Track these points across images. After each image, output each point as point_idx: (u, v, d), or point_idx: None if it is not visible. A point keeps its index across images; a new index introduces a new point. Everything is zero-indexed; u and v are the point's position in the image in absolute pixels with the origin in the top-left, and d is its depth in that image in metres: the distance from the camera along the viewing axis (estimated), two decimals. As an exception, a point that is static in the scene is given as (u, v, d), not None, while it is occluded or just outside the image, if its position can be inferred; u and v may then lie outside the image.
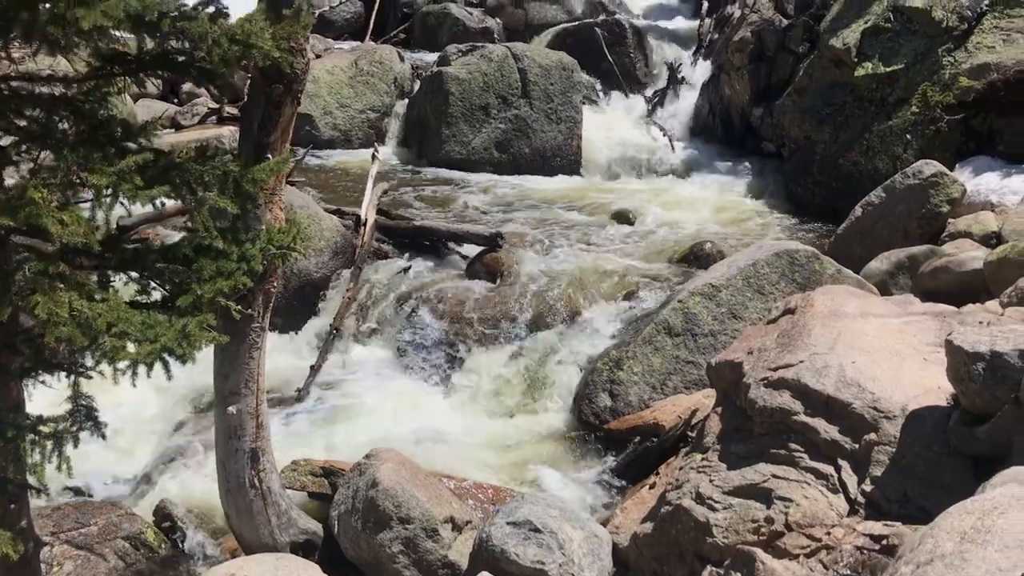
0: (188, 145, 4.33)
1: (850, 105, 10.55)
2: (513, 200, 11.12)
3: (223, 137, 11.13)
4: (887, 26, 10.39)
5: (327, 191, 10.87)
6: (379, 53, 13.38)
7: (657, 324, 7.11)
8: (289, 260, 4.46)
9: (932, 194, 8.31)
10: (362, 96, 12.91)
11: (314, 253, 8.71)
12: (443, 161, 12.31)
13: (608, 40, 14.99)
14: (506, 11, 16.60)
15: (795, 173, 10.98)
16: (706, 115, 13.61)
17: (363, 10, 17.12)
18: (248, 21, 3.84)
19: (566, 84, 12.47)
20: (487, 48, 12.68)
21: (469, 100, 12.26)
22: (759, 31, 12.53)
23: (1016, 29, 9.49)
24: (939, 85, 9.63)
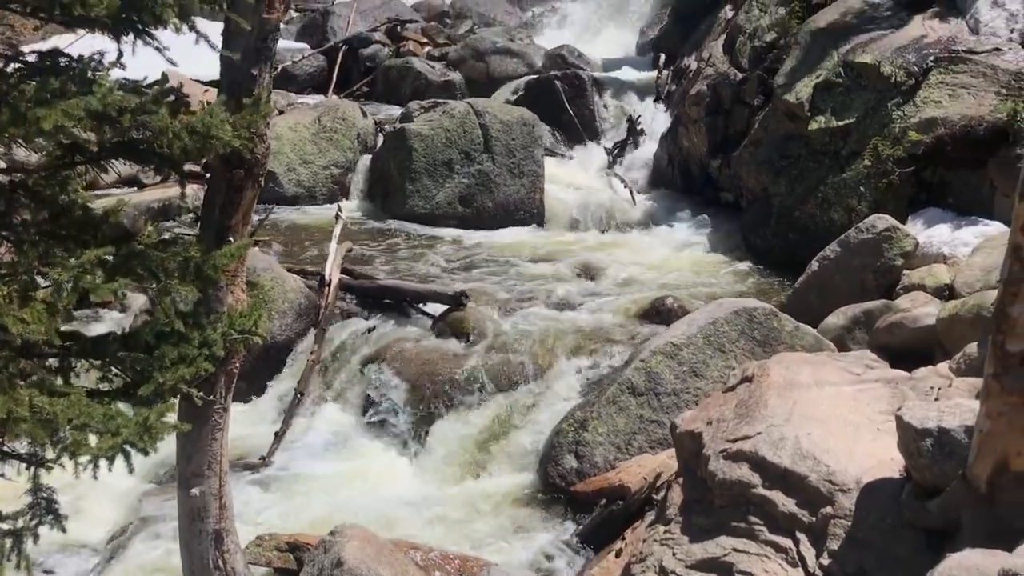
0: (151, 205, 4.37)
1: (805, 158, 10.80)
2: (477, 255, 11.20)
3: (186, 196, 11.12)
4: (838, 81, 10.68)
5: (291, 249, 10.89)
6: (342, 109, 13.48)
7: (621, 384, 7.18)
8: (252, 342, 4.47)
9: (886, 248, 8.52)
10: (325, 152, 12.98)
11: (278, 316, 8.72)
12: (407, 215, 12.38)
13: (568, 93, 15.23)
14: (468, 64, 16.82)
15: (753, 224, 11.18)
16: (665, 166, 13.84)
17: (326, 64, 17.27)
18: (208, 114, 3.91)
19: (527, 139, 12.64)
20: (449, 104, 12.83)
21: (432, 156, 12.38)
22: (715, 85, 12.82)
23: (960, 84, 9.80)
24: (890, 139, 9.89)
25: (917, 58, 10.24)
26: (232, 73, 4.36)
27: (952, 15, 10.85)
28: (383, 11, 19.05)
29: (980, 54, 9.96)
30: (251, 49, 4.34)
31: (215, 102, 4.06)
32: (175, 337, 4.19)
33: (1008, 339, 3.22)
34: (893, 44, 10.59)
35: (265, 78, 4.44)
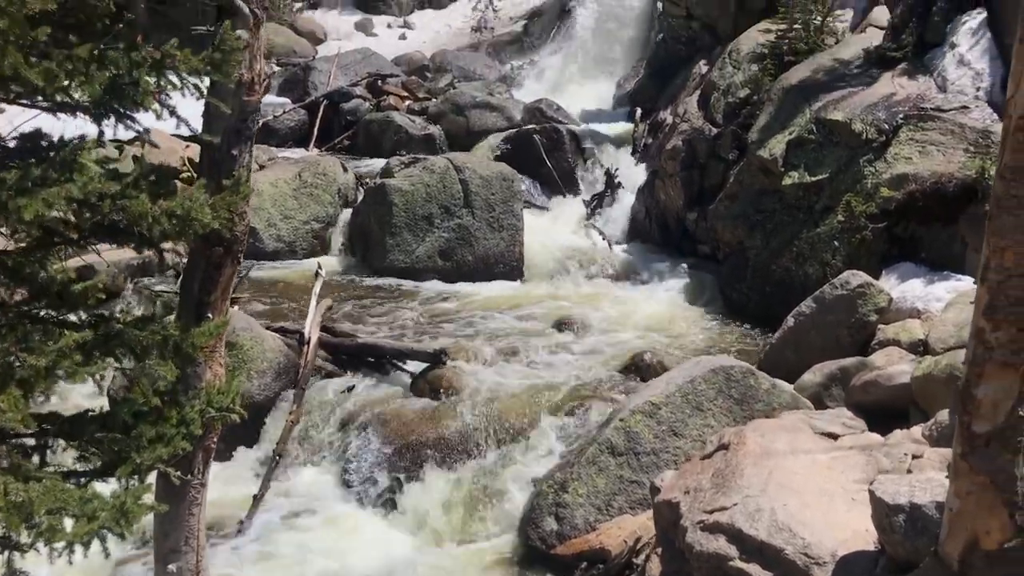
0: (131, 263, 4.38)
1: (779, 212, 10.96)
2: (457, 309, 11.25)
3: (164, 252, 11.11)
4: (810, 137, 10.89)
5: (271, 305, 10.89)
6: (323, 164, 13.57)
7: (600, 444, 7.20)
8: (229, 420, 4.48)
9: (860, 304, 8.64)
10: (306, 207, 13.04)
11: (256, 375, 8.70)
12: (388, 270, 12.43)
13: (547, 146, 15.41)
14: (448, 118, 17.00)
15: (730, 278, 11.30)
16: (643, 218, 13.99)
17: (307, 118, 17.40)
18: (188, 198, 3.96)
19: (507, 194, 12.76)
20: (429, 160, 12.96)
21: (412, 210, 12.47)
22: (690, 140, 13.03)
23: (930, 141, 10.02)
24: (862, 194, 10.07)
25: (887, 115, 10.47)
26: (212, 153, 4.43)
27: (920, 73, 11.12)
28: (363, 65, 19.25)
29: (948, 112, 10.20)
30: (231, 130, 4.42)
31: (195, 185, 4.11)
32: (153, 415, 4.21)
33: (974, 420, 3.29)
34: (864, 101, 10.83)
35: (245, 157, 4.51)
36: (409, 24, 24.64)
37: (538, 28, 24.20)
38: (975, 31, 11.07)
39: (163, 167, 4.22)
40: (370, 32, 23.71)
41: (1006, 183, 3.10)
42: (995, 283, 3.20)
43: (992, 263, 3.21)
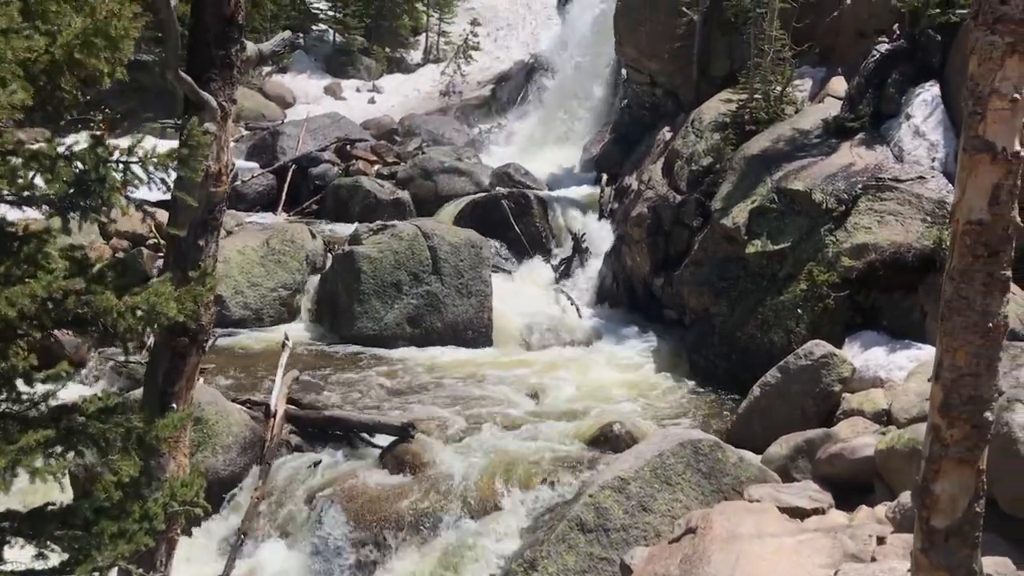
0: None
1: (743, 279, 11.12)
2: (426, 377, 11.22)
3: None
4: (772, 206, 11.11)
5: (237, 376, 10.80)
6: (291, 231, 13.59)
7: (570, 520, 7.16)
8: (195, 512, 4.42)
9: (824, 374, 8.76)
10: (273, 274, 13.02)
11: (221, 450, 8.60)
12: (356, 337, 12.40)
13: (515, 211, 15.56)
14: (416, 183, 17.14)
15: (697, 344, 11.40)
16: (610, 283, 14.12)
17: (275, 182, 17.47)
18: (154, 293, 3.96)
19: (475, 260, 12.84)
20: (398, 226, 13.03)
21: (381, 277, 12.49)
22: (655, 207, 13.23)
23: (888, 211, 10.26)
24: (824, 263, 10.25)
25: (846, 185, 10.72)
26: (179, 245, 4.45)
27: (877, 143, 11.43)
28: (332, 129, 19.41)
29: (905, 182, 10.47)
30: (198, 222, 4.44)
31: (160, 279, 4.11)
32: (115, 510, 4.14)
33: (933, 515, 3.34)
34: (823, 171, 11.09)
35: (212, 247, 4.53)
36: (378, 88, 24.92)
37: (505, 92, 24.62)
38: (929, 103, 11.43)
39: (128, 258, 4.22)
40: (339, 96, 23.95)
41: (955, 285, 3.19)
42: (949, 381, 3.28)
43: (945, 362, 3.29)
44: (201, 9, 4.39)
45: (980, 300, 3.15)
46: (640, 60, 17.44)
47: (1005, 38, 2.97)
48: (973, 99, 3.09)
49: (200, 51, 4.40)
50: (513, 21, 27.72)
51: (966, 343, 3.21)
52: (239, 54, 4.47)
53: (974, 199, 3.10)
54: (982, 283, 3.14)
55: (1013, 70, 3.00)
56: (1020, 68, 3.00)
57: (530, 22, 27.49)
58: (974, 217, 3.11)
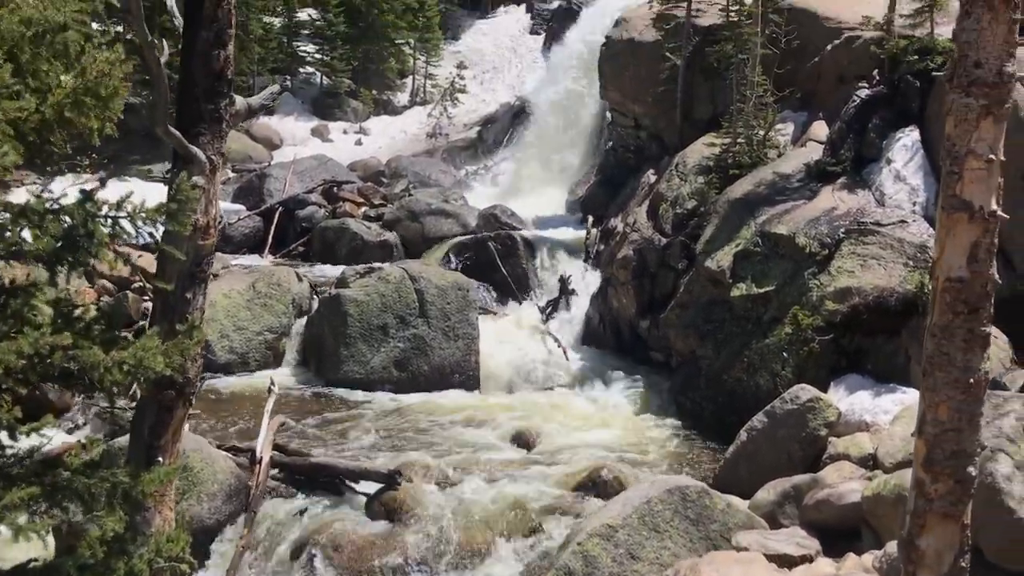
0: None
1: (729, 322, 11.18)
2: (414, 422, 11.17)
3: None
4: (756, 250, 11.21)
5: (222, 422, 10.73)
6: (277, 274, 13.59)
7: (558, 570, 7.13)
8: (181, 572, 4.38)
9: (810, 418, 8.79)
10: (259, 318, 12.98)
11: (206, 498, 8.51)
12: (342, 381, 12.34)
13: (501, 252, 15.61)
14: (403, 224, 17.19)
15: (683, 387, 11.42)
16: (597, 324, 14.15)
17: (262, 225, 17.48)
18: (142, 347, 3.96)
19: (462, 303, 12.86)
20: (384, 269, 13.06)
21: (367, 321, 12.48)
22: (641, 249, 13.31)
23: (871, 255, 10.36)
24: (808, 307, 10.32)
25: (829, 229, 10.84)
26: (166, 298, 4.45)
27: (859, 187, 11.58)
28: (319, 171, 19.49)
29: (887, 226, 10.59)
30: (185, 274, 4.45)
31: (148, 333, 4.11)
32: (99, 568, 4.11)
33: (918, 570, 3.35)
34: (806, 215, 11.22)
35: (199, 300, 4.53)
36: (365, 130, 25.08)
37: (492, 134, 24.81)
38: (909, 148, 11.61)
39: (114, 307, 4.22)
40: (326, 138, 24.08)
41: (936, 341, 3.24)
42: (931, 436, 3.31)
43: (928, 417, 3.33)
44: (190, 64, 4.44)
45: (961, 356, 3.19)
46: (624, 103, 17.66)
47: (979, 100, 3.05)
48: (950, 159, 3.16)
49: (189, 105, 4.45)
50: (499, 64, 28.03)
51: (948, 398, 3.25)
52: (228, 108, 4.52)
53: (953, 257, 3.16)
54: (962, 339, 3.19)
55: (988, 131, 3.07)
56: (995, 130, 3.08)
57: (516, 65, 27.80)
58: (953, 275, 3.17)
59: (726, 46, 14.17)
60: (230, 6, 4.37)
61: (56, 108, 3.35)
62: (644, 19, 17.32)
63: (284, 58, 25.66)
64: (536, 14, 28.98)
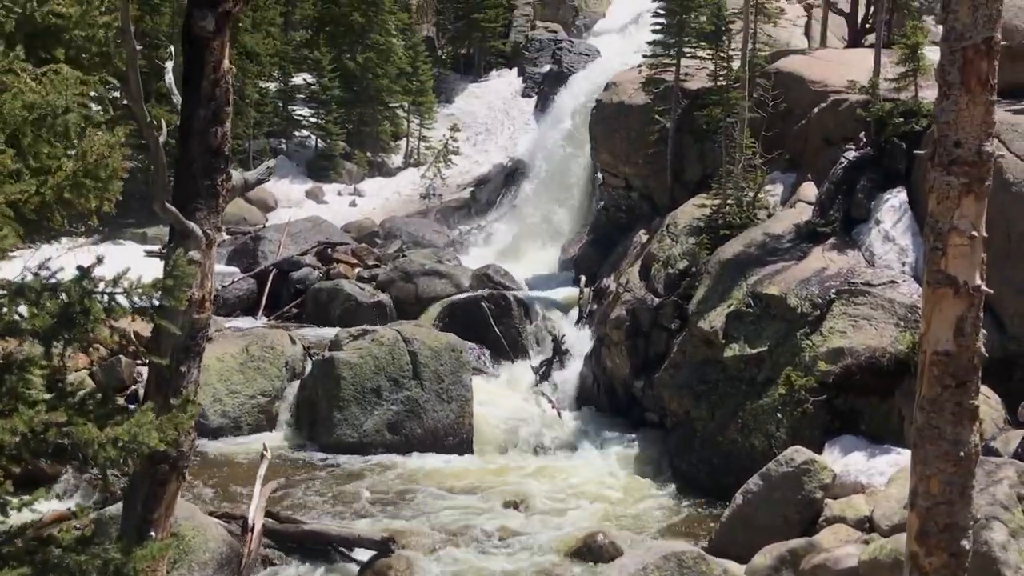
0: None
1: (723, 383, 11.19)
2: (407, 487, 11.09)
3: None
4: (748, 310, 11.27)
5: (215, 488, 10.65)
6: (271, 338, 13.57)
7: (553, 639, 7.04)
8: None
9: (805, 480, 8.77)
10: (253, 381, 12.94)
11: (198, 567, 8.40)
12: (335, 445, 12.27)
13: (494, 312, 15.64)
14: (397, 285, 17.25)
15: (679, 449, 11.39)
16: (591, 385, 14.14)
17: (256, 287, 17.50)
18: (136, 423, 3.97)
19: (456, 364, 12.85)
20: (378, 332, 13.06)
21: (361, 383, 12.45)
22: (633, 309, 13.37)
23: (862, 316, 10.44)
24: (801, 367, 10.36)
25: (820, 290, 10.93)
26: (161, 371, 4.47)
27: (849, 247, 11.71)
28: (314, 233, 19.60)
29: (877, 287, 10.69)
30: (180, 348, 4.47)
31: (142, 408, 4.12)
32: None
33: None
34: (797, 276, 11.31)
35: (194, 373, 4.55)
36: (359, 191, 25.26)
37: (485, 195, 25.02)
38: (897, 208, 11.77)
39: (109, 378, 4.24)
40: (321, 199, 24.24)
41: (926, 414, 3.27)
42: (924, 509, 3.32)
43: (920, 490, 3.34)
44: (188, 141, 4.52)
45: (951, 429, 3.22)
46: (615, 165, 17.87)
47: (960, 179, 3.13)
48: (934, 235, 3.22)
49: (186, 181, 4.52)
50: (492, 126, 28.37)
51: (939, 471, 3.27)
52: (225, 183, 4.58)
53: (940, 331, 3.21)
54: (951, 412, 3.22)
55: (969, 208, 3.15)
56: (976, 207, 3.15)
57: (508, 127, 28.14)
58: (940, 348, 3.21)
59: (714, 110, 14.43)
60: (228, 84, 4.46)
61: (56, 190, 3.41)
62: (633, 83, 17.63)
63: (280, 121, 25.94)
64: (528, 77, 29.43)
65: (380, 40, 26.64)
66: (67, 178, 3.43)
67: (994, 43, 3.03)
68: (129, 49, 3.71)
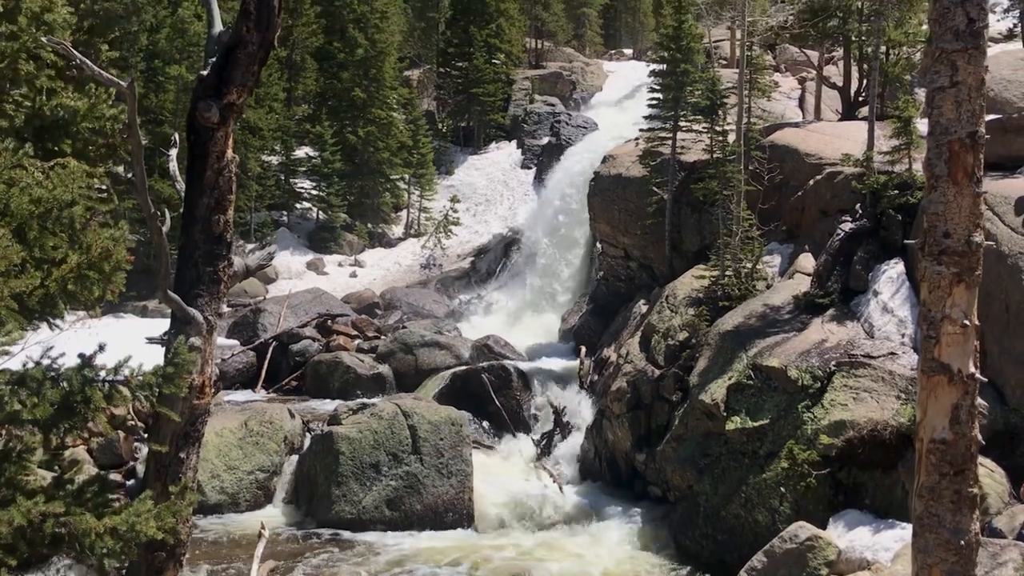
0: None
1: (725, 457, 11.11)
2: (405, 566, 10.93)
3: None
4: (749, 383, 11.24)
5: (212, 567, 10.49)
6: (269, 412, 13.53)
7: None
8: None
9: (810, 557, 8.65)
10: (251, 457, 12.86)
11: (194, 651, 8.26)
12: (333, 521, 12.13)
13: (495, 384, 15.61)
14: (397, 357, 17.26)
15: (682, 525, 11.25)
16: (593, 458, 14.03)
17: (255, 359, 17.51)
18: (134, 512, 3.95)
19: (456, 439, 12.78)
20: (377, 406, 13.02)
21: (359, 459, 12.37)
22: (634, 381, 13.34)
23: (863, 388, 10.41)
24: (803, 441, 10.30)
25: (820, 362, 10.92)
26: (160, 458, 4.46)
27: (848, 319, 11.73)
28: (314, 305, 19.68)
29: (877, 358, 10.68)
30: (180, 434, 4.47)
31: (141, 497, 4.11)
32: None
33: None
34: (797, 348, 11.31)
35: (193, 459, 4.54)
36: (360, 262, 25.45)
37: (485, 264, 25.21)
38: (895, 280, 11.84)
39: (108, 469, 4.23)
40: (321, 271, 24.40)
41: (925, 503, 3.27)
42: (928, 599, 3.29)
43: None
44: (191, 228, 4.58)
45: (950, 518, 3.21)
46: (614, 235, 18.03)
47: (950, 268, 3.17)
48: (927, 324, 3.26)
49: (189, 267, 4.57)
50: (491, 197, 28.72)
51: (940, 560, 3.25)
52: (227, 270, 4.64)
53: (936, 419, 3.22)
54: (950, 501, 3.21)
55: (961, 297, 3.19)
56: (967, 295, 3.19)
57: (507, 198, 28.48)
58: (937, 436, 3.22)
59: (711, 183, 14.61)
60: (231, 173, 4.55)
61: (60, 282, 3.46)
62: (631, 155, 17.91)
63: (281, 194, 26.26)
64: (527, 149, 29.90)
65: (381, 114, 27.13)
66: (71, 271, 3.48)
67: (978, 137, 3.11)
68: (135, 143, 3.80)
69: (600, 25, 42.02)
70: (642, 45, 41.10)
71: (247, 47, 4.45)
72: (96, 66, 3.64)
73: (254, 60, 4.48)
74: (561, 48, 37.32)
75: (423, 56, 35.20)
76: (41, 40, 3.83)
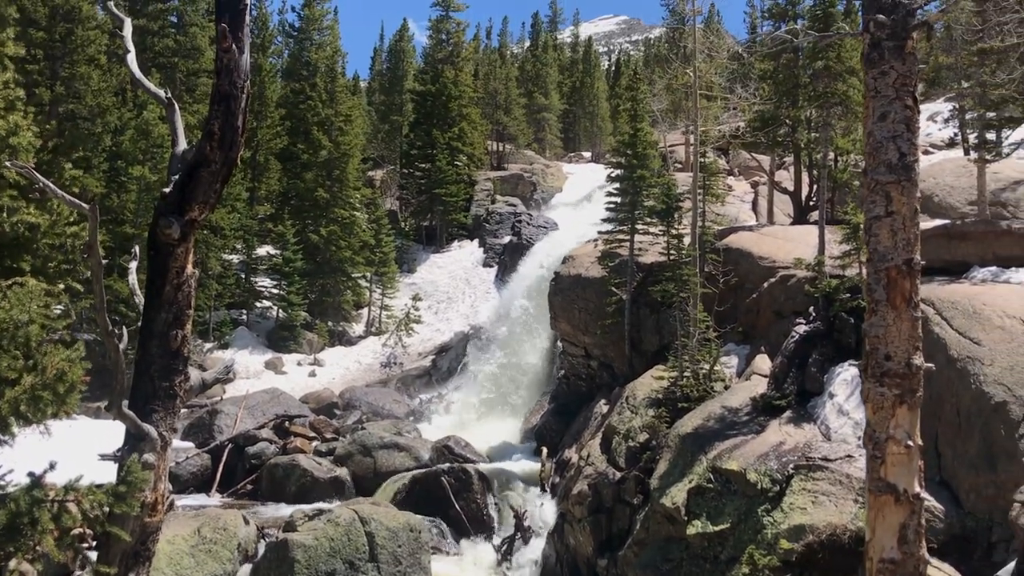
0: None
1: (687, 562, 11.00)
2: None
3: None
4: (709, 486, 11.23)
5: None
6: (223, 518, 13.18)
7: None
8: None
9: (773, 668, 8.51)
10: (204, 565, 12.46)
11: None
12: (287, 634, 11.74)
13: (455, 487, 15.43)
14: (355, 459, 17.00)
15: (644, 632, 11.05)
16: (554, 564, 13.81)
17: (210, 462, 17.14)
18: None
19: (414, 545, 12.54)
20: (334, 512, 12.77)
21: (315, 567, 12.06)
22: (596, 484, 13.26)
23: (821, 491, 10.44)
24: (763, 545, 10.25)
25: (779, 465, 10.96)
26: (108, 580, 4.34)
27: (805, 421, 11.84)
28: (271, 405, 19.41)
29: (834, 461, 10.74)
30: (130, 553, 4.37)
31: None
32: None
33: None
34: (756, 451, 11.36)
35: (141, 580, 4.42)
36: (319, 361, 25.26)
37: (446, 362, 25.14)
38: (849, 382, 12.00)
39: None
40: (280, 370, 24.15)
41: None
42: None
43: None
44: (148, 342, 4.58)
45: (903, 639, 3.23)
46: (575, 335, 18.17)
47: (892, 390, 3.28)
48: (872, 444, 3.34)
49: (144, 383, 4.54)
50: (453, 295, 28.87)
51: None
52: (183, 384, 4.62)
53: (884, 538, 3.28)
54: (903, 621, 3.24)
55: (904, 418, 3.28)
56: (910, 416, 3.29)
57: (469, 295, 28.66)
58: (886, 556, 3.27)
59: (668, 285, 14.86)
60: (190, 288, 4.58)
61: (12, 403, 3.43)
62: (590, 256, 18.21)
63: (242, 293, 26.17)
64: (488, 248, 30.27)
65: (344, 214, 27.39)
66: (24, 392, 3.45)
67: (914, 264, 3.26)
68: (95, 262, 3.83)
69: (560, 129, 43.20)
70: (600, 148, 42.26)
71: (210, 166, 4.54)
72: (59, 188, 3.69)
73: (216, 178, 4.56)
74: (522, 151, 38.20)
75: (387, 157, 35.82)
76: (5, 164, 3.89)
